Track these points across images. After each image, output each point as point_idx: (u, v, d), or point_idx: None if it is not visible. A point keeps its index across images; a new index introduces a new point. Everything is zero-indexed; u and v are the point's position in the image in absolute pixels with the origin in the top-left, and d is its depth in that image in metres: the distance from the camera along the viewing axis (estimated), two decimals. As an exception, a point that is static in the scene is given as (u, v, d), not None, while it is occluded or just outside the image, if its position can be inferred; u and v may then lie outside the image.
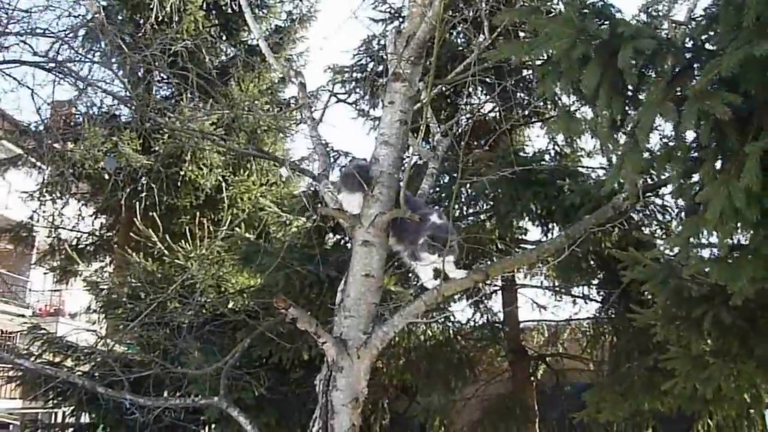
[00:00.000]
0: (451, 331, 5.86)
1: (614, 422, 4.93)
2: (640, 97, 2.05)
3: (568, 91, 2.14)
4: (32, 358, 5.57)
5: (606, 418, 4.24)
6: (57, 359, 5.98)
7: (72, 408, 6.21)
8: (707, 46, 2.14)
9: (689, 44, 2.22)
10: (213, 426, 5.91)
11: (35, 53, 4.29)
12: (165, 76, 7.59)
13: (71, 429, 6.68)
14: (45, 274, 10.55)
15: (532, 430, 5.38)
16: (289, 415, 4.95)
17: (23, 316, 11.57)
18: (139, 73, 5.99)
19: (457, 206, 5.07)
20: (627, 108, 2.07)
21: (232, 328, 4.96)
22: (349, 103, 4.97)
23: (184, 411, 4.72)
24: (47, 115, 5.11)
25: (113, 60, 4.92)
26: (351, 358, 2.48)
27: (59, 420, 7.78)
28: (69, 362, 5.91)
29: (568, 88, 2.11)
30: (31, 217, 9.30)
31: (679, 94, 1.96)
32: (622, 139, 2.18)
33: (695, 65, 2.02)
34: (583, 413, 4.34)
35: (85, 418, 6.44)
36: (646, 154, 2.14)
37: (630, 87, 1.94)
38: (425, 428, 5.65)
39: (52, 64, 4.28)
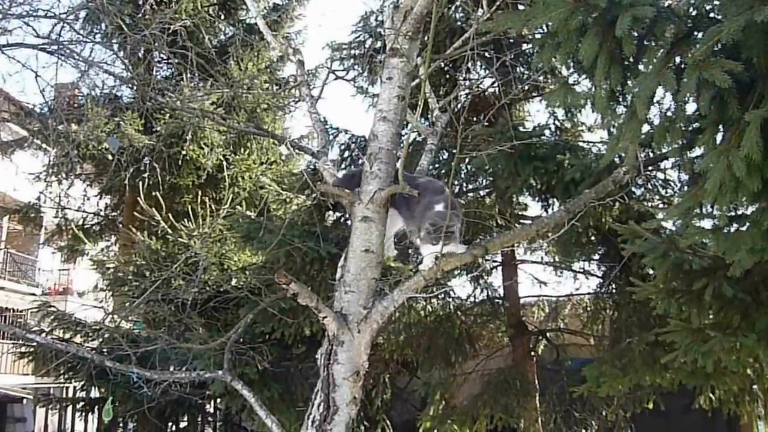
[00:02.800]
0: (451, 307, 5.87)
1: (614, 396, 4.97)
2: (640, 67, 2.01)
3: (566, 62, 2.10)
4: (43, 335, 5.69)
5: (606, 392, 4.27)
6: (67, 336, 6.13)
7: (82, 383, 6.39)
8: (712, 14, 2.08)
9: (693, 12, 2.17)
10: (218, 400, 6.05)
11: (37, 35, 4.26)
12: (165, 56, 7.53)
13: (82, 402, 6.89)
14: (53, 253, 10.66)
15: (532, 405, 5.44)
16: (292, 389, 5.05)
17: (33, 294, 11.79)
18: (140, 54, 5.94)
19: (456, 182, 5.04)
20: (626, 78, 2.03)
21: (235, 304, 5.02)
22: (347, 80, 4.90)
23: (190, 385, 4.83)
24: (51, 97, 5.11)
25: (114, 41, 4.88)
26: (351, 332, 2.49)
27: (70, 394, 7.99)
28: (78, 338, 6.06)
29: (566, 59, 2.07)
30: (38, 198, 9.37)
31: (678, 63, 1.92)
32: (621, 110, 2.15)
33: (696, 33, 1.97)
34: (584, 388, 4.38)
35: (94, 392, 6.63)
36: (645, 126, 2.11)
37: (629, 57, 1.89)
38: (426, 402, 5.72)
39: (54, 46, 4.25)
